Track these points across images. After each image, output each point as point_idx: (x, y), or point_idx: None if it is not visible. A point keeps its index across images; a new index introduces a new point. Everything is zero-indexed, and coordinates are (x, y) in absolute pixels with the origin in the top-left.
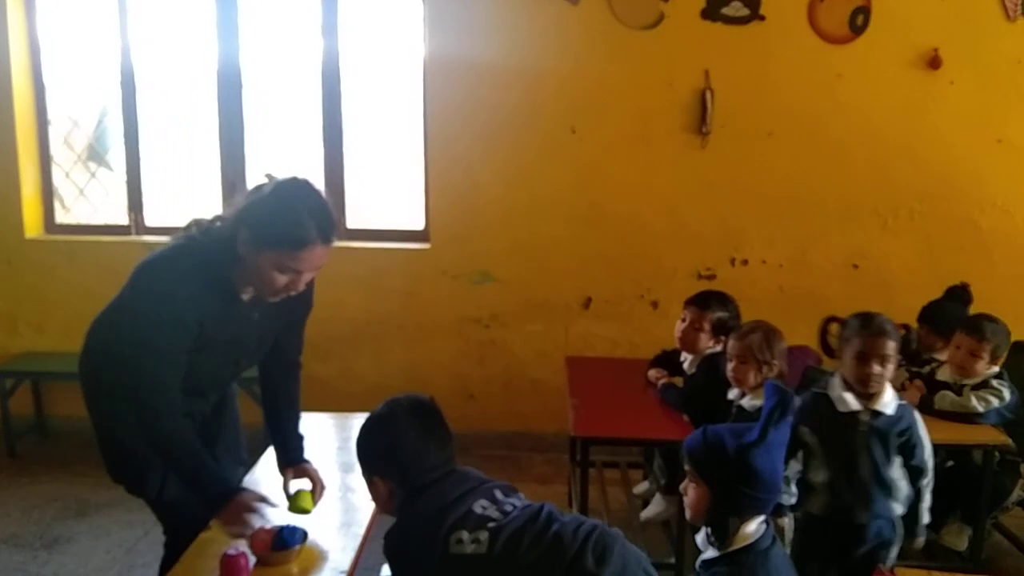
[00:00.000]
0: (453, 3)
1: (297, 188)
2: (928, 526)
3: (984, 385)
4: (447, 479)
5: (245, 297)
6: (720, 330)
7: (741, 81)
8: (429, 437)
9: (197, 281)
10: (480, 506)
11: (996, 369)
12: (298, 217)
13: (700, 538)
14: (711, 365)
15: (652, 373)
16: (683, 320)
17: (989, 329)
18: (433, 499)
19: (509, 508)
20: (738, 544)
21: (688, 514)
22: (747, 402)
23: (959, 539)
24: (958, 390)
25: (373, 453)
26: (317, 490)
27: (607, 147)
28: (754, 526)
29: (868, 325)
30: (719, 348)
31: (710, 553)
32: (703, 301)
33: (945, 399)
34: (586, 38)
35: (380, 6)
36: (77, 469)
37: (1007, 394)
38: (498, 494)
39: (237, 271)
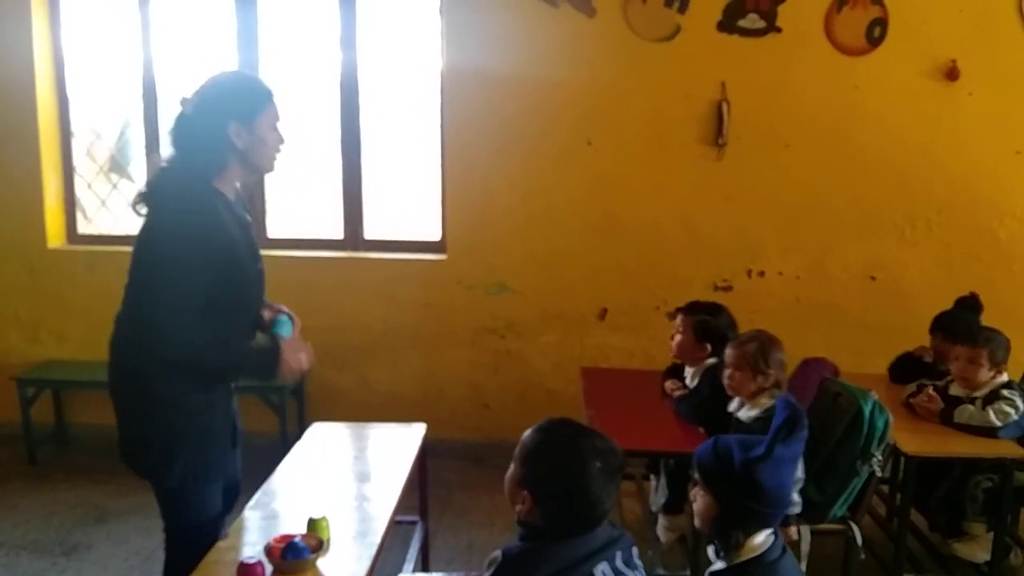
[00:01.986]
0: (471, 15)
1: (220, 74)
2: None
3: (996, 396)
4: (591, 531)
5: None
6: (706, 335)
7: (757, 93)
8: (605, 493)
9: (203, 197)
10: (600, 572)
11: (1004, 378)
12: (251, 78)
13: (712, 549)
14: (713, 376)
15: (668, 385)
16: (675, 329)
17: (982, 335)
18: (566, 551)
19: None
20: (746, 556)
21: (697, 521)
22: (743, 413)
23: (973, 550)
24: (971, 403)
25: (545, 481)
26: (295, 322)
27: (623, 158)
28: (762, 537)
29: None
30: (716, 361)
31: (718, 565)
32: (689, 307)
33: (964, 412)
34: (602, 50)
35: (398, 18)
36: (97, 477)
37: (1020, 403)
38: (618, 560)
39: (227, 174)
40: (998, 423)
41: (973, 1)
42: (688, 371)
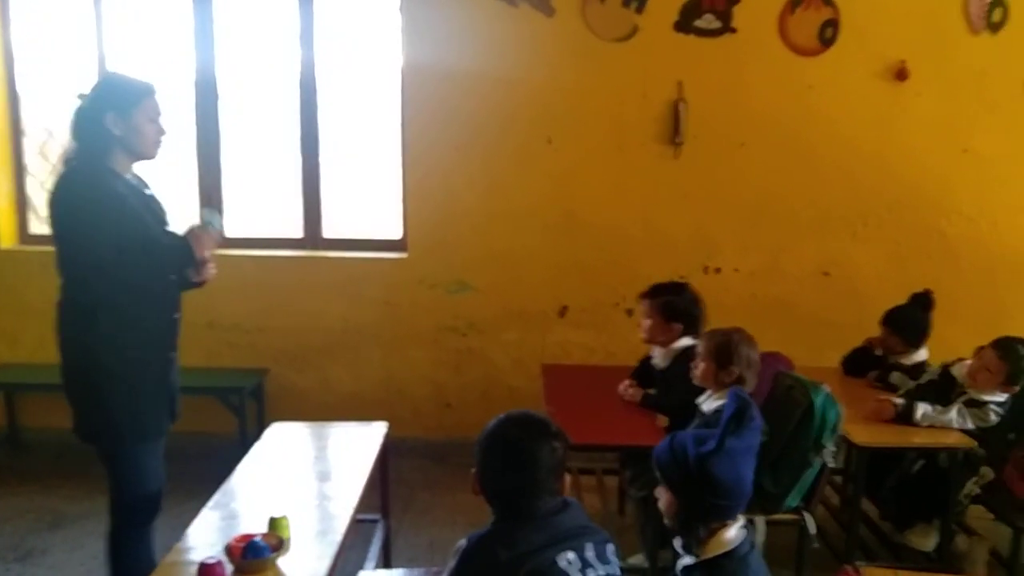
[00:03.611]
0: (430, 13)
1: (107, 72)
2: (896, 526)
3: (979, 405)
4: (558, 515)
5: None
6: (673, 315)
7: (714, 92)
8: (531, 478)
9: (103, 178)
10: (566, 560)
11: (1002, 397)
12: (129, 77)
13: (678, 542)
14: (686, 359)
15: (622, 387)
16: (642, 315)
17: (1013, 351)
18: (527, 536)
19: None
20: (717, 550)
21: (665, 519)
22: (706, 405)
23: (925, 540)
24: (959, 395)
25: (483, 466)
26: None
27: (582, 156)
28: (733, 532)
29: None
30: (691, 342)
31: (688, 560)
32: (651, 291)
33: (926, 419)
34: (561, 50)
35: (357, 16)
36: (51, 481)
37: (993, 419)
38: (588, 552)
39: (116, 157)
40: (955, 426)
41: (921, 3)
42: (657, 353)
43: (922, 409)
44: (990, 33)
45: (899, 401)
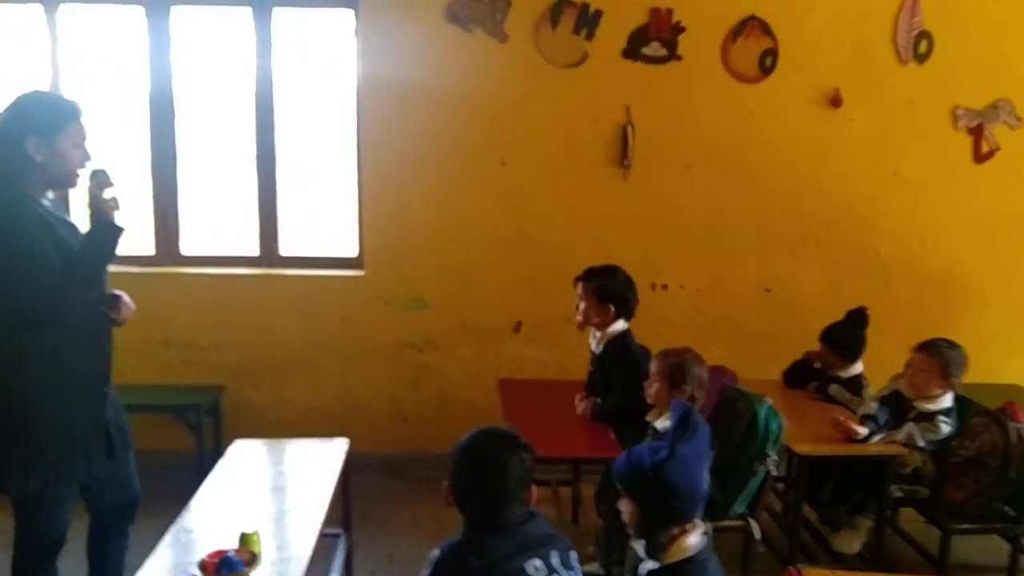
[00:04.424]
0: (385, 37)
1: (27, 91)
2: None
3: (929, 417)
4: (525, 524)
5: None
6: (605, 297)
7: (660, 117)
8: (501, 489)
9: (18, 202)
10: (533, 567)
11: (948, 403)
12: (57, 97)
13: (640, 547)
14: (621, 343)
15: (576, 402)
16: (577, 298)
17: (937, 346)
18: (495, 544)
19: None
20: (679, 555)
21: (628, 528)
22: (660, 424)
23: (850, 543)
24: (909, 410)
25: (455, 476)
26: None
27: (534, 176)
28: (694, 539)
29: None
30: (624, 327)
31: (650, 564)
32: (586, 275)
33: (876, 444)
34: (514, 73)
35: (314, 34)
36: None
37: (944, 430)
38: (554, 559)
39: (32, 183)
40: (921, 443)
41: (854, 33)
42: (594, 336)
43: (876, 438)
44: (917, 63)
45: (863, 431)
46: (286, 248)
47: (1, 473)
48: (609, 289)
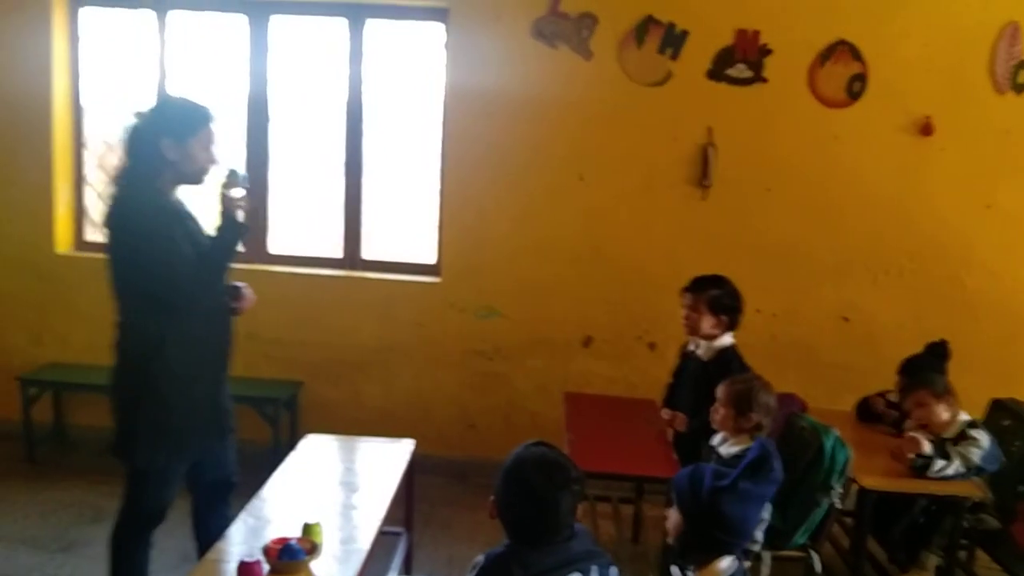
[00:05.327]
0: (473, 51)
1: (168, 95)
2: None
3: (962, 437)
4: (569, 541)
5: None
6: (719, 309)
7: (742, 138)
8: (549, 508)
9: (152, 196)
10: None
11: (965, 417)
12: (192, 103)
13: (676, 569)
14: (734, 356)
15: (666, 417)
16: (684, 307)
17: (917, 378)
18: (539, 558)
19: None
20: None
21: (668, 537)
22: (724, 449)
23: None
24: (940, 446)
25: (500, 492)
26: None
27: (613, 194)
28: (726, 563)
29: None
30: (731, 341)
31: None
32: (696, 284)
33: (936, 474)
34: (596, 91)
35: (405, 45)
36: (93, 477)
37: (985, 440)
38: (594, 574)
39: (164, 179)
40: (950, 472)
41: (948, 60)
42: (698, 344)
43: (938, 465)
44: (1015, 94)
45: (927, 446)
46: (368, 252)
47: (131, 446)
48: (722, 301)
